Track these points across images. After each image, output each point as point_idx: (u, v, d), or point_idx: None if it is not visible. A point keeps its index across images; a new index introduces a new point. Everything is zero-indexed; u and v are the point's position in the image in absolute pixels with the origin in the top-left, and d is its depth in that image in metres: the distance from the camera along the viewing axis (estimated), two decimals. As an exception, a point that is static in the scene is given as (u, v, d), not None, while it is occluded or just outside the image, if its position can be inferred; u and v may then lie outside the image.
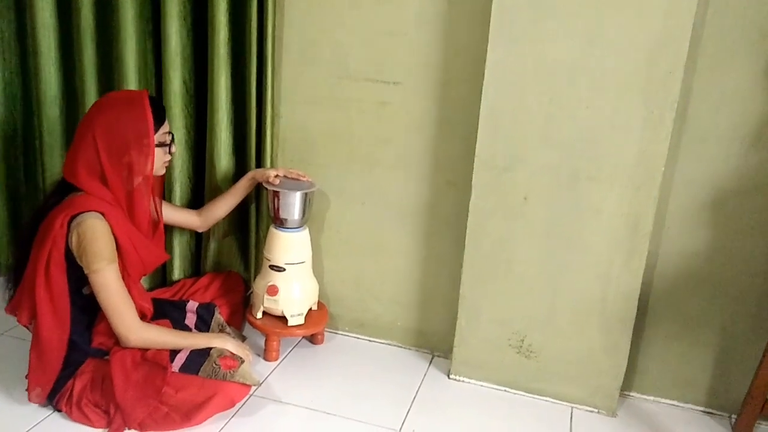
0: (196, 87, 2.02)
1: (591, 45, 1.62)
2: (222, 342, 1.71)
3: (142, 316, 1.70)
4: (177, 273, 2.13)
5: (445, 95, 1.87)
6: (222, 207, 1.98)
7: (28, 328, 1.66)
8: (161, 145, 1.67)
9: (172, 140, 1.73)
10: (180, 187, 2.05)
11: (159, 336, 1.66)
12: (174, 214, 1.95)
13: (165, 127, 1.69)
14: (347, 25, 1.90)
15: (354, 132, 1.98)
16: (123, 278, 1.61)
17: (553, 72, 1.66)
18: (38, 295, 1.56)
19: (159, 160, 1.68)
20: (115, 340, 1.66)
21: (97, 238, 1.55)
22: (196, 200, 2.09)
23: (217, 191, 2.01)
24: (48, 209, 1.62)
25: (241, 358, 1.69)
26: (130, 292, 1.63)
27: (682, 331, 1.86)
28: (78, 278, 1.60)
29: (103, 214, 1.57)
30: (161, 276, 2.15)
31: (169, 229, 2.05)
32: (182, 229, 2.08)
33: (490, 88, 1.71)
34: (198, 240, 2.16)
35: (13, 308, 1.66)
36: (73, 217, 1.56)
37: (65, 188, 1.64)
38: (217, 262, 2.14)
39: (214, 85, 1.93)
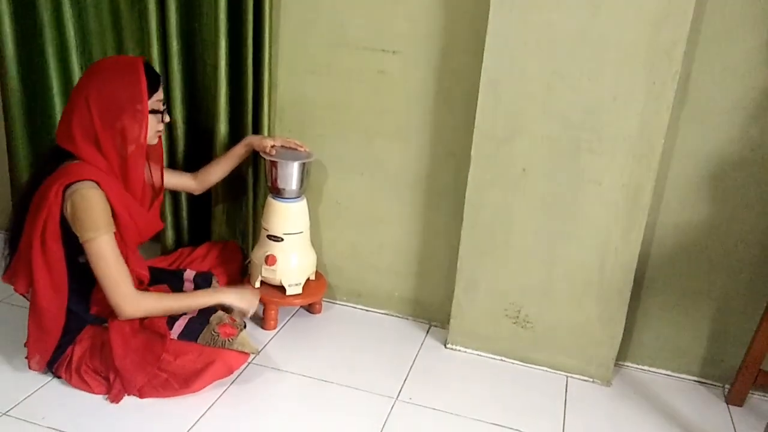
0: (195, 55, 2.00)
1: (594, 15, 1.60)
2: (224, 297, 1.72)
3: (139, 283, 1.70)
4: (171, 242, 2.14)
5: (444, 65, 1.85)
6: (218, 171, 1.97)
7: (25, 297, 1.65)
8: (154, 112, 1.64)
9: (166, 110, 1.71)
10: (180, 154, 2.05)
11: (157, 303, 1.65)
12: (170, 178, 1.93)
13: (158, 95, 1.66)
14: (346, -8, 1.87)
15: (352, 102, 1.97)
16: (119, 246, 1.60)
17: (555, 42, 1.64)
18: (35, 264, 1.56)
19: (152, 129, 1.65)
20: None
21: (92, 207, 1.53)
22: (193, 167, 2.08)
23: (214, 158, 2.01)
24: (43, 177, 1.59)
25: (240, 325, 1.70)
26: (127, 259, 1.62)
27: (677, 302, 1.87)
28: (75, 247, 1.58)
29: (98, 183, 1.55)
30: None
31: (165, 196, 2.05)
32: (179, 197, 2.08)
33: (491, 57, 1.69)
34: (192, 208, 2.15)
35: (9, 277, 1.66)
36: (67, 186, 1.54)
37: (59, 154, 1.61)
38: (215, 231, 2.13)
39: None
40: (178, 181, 1.97)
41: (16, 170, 2.22)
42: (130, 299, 1.59)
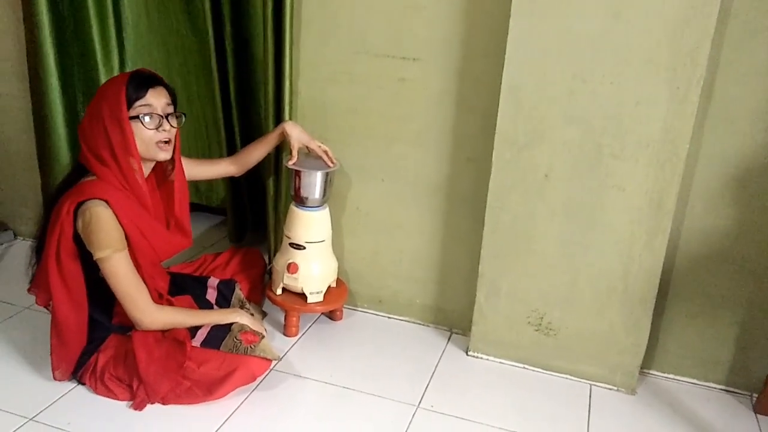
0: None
1: (615, 19, 1.59)
2: (237, 317, 1.72)
3: (158, 296, 1.71)
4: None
5: (465, 71, 1.85)
6: (255, 154, 1.97)
7: (47, 309, 1.68)
8: (135, 118, 1.58)
9: (166, 118, 1.63)
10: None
11: (174, 317, 1.67)
12: (210, 169, 1.95)
13: (145, 100, 1.58)
14: (366, 0, 1.88)
15: (373, 108, 1.97)
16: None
17: (576, 46, 1.63)
18: (52, 282, 1.58)
19: (146, 137, 1.59)
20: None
21: (101, 226, 1.53)
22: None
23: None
24: (64, 191, 1.61)
25: (261, 332, 1.70)
26: (142, 278, 1.62)
27: (703, 309, 1.84)
28: (93, 262, 1.58)
29: (108, 201, 1.55)
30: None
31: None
32: None
33: (512, 63, 1.69)
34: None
35: (33, 288, 1.69)
36: (79, 205, 1.55)
37: (80, 170, 1.64)
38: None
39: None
40: (215, 170, 1.98)
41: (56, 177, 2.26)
42: (147, 313, 1.62)
